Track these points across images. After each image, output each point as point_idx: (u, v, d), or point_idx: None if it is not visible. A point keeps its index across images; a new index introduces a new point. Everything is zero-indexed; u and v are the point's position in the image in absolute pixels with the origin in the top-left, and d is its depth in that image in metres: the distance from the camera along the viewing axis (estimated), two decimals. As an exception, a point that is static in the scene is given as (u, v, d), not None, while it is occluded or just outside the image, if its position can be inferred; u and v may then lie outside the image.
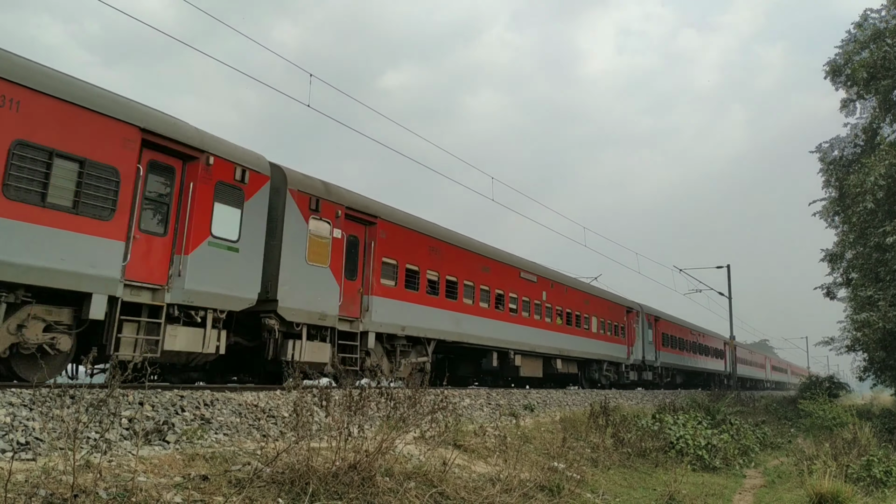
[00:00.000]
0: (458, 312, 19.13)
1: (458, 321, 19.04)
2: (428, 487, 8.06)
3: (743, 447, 19.00)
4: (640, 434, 16.89)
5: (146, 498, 5.48)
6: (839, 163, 30.02)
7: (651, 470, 14.67)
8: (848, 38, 28.27)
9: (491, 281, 21.00)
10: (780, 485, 14.63)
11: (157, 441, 7.46)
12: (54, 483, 5.33)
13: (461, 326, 19.10)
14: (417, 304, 17.18)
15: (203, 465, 6.94)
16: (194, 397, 9.11)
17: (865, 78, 26.34)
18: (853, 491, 11.57)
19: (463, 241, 20.27)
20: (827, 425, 25.08)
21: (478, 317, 20.03)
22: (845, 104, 29.64)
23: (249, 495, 6.20)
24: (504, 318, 21.71)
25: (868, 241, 26.31)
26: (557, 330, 25.71)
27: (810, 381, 45.46)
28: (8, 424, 6.60)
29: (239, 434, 8.51)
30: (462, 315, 19.31)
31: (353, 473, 7.17)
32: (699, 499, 11.52)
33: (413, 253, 17.26)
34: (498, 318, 21.29)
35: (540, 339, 24.01)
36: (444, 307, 18.44)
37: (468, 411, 14.25)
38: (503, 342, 21.49)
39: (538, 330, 24.01)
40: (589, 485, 11.65)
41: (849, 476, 13.21)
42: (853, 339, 30.65)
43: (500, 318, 21.45)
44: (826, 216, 31.20)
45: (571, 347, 26.91)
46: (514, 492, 8.96)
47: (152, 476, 6.27)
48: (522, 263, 23.94)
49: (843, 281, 31.55)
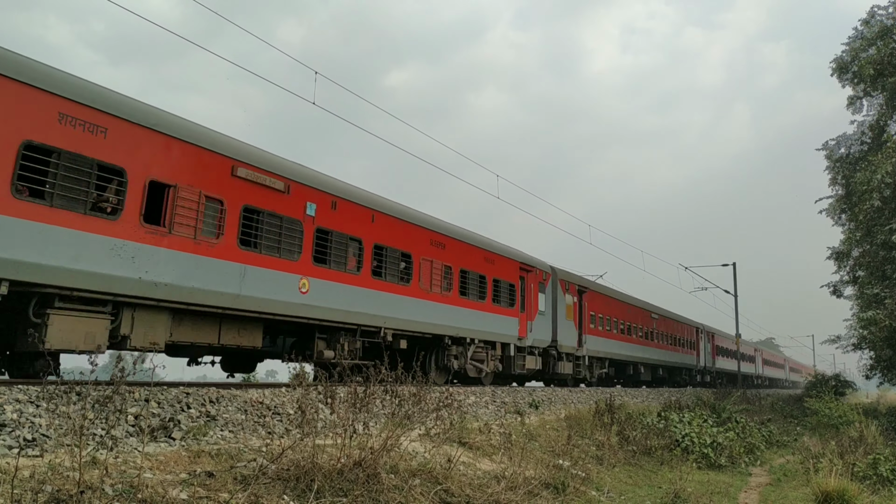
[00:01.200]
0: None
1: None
2: (433, 484, 8.07)
3: (749, 445, 18.97)
4: (646, 432, 16.88)
5: (152, 494, 5.49)
6: (846, 160, 29.90)
7: (656, 468, 14.66)
8: (855, 35, 28.14)
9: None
10: (786, 483, 14.60)
11: (162, 438, 7.47)
12: (60, 479, 5.34)
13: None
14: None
15: (209, 461, 6.96)
16: (200, 394, 9.12)
17: (872, 75, 26.24)
18: (859, 489, 11.52)
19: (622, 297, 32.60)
20: (833, 423, 25.01)
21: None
22: (852, 101, 29.50)
23: (255, 492, 6.21)
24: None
25: (875, 238, 26.23)
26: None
27: (817, 380, 45.33)
28: (14, 421, 6.62)
29: (244, 431, 8.52)
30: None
31: (358, 470, 7.17)
32: (705, 497, 11.48)
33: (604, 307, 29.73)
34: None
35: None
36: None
37: (473, 409, 14.25)
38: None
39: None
40: (594, 483, 11.64)
41: (855, 474, 13.16)
42: (860, 337, 30.57)
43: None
44: (833, 214, 31.08)
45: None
46: (519, 489, 8.96)
47: (158, 473, 6.28)
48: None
49: (849, 279, 31.46)
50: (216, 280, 10.78)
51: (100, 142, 9.19)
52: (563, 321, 24.28)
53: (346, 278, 13.69)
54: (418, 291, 16.00)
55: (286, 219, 12.24)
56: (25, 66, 8.52)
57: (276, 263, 11.94)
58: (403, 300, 15.47)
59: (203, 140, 10.89)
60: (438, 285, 16.75)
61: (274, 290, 11.88)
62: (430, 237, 16.79)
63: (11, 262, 8.17)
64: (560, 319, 23.96)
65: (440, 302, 16.77)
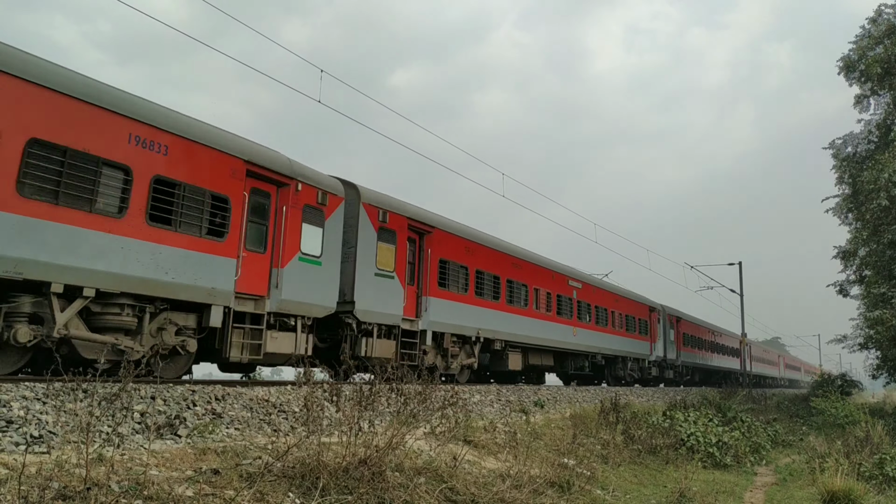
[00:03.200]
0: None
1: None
2: (438, 483, 8.07)
3: (754, 445, 18.92)
4: (651, 431, 16.85)
5: (158, 491, 5.51)
6: (853, 159, 29.80)
7: (661, 467, 14.63)
8: (862, 34, 28.05)
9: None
10: (792, 483, 14.55)
11: (168, 435, 7.50)
12: (67, 476, 5.36)
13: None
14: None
15: (214, 459, 6.97)
16: (206, 392, 9.14)
17: (880, 73, 26.14)
18: (865, 489, 11.49)
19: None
20: (839, 423, 24.91)
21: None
22: (859, 100, 29.40)
23: (260, 489, 6.23)
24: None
25: (882, 238, 26.15)
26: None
27: (822, 379, 45.17)
28: (22, 417, 6.65)
29: (250, 429, 8.54)
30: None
31: (363, 468, 7.18)
32: (710, 496, 11.47)
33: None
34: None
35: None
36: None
37: (478, 407, 14.25)
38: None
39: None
40: (599, 481, 11.63)
41: (861, 474, 13.12)
42: (866, 336, 30.52)
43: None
44: (839, 213, 31.00)
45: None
46: (525, 488, 8.96)
47: (164, 470, 6.30)
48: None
49: (856, 278, 31.38)
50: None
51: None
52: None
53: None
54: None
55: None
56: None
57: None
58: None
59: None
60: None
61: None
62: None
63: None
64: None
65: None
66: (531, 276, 22.76)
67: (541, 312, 23.19)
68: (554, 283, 24.54)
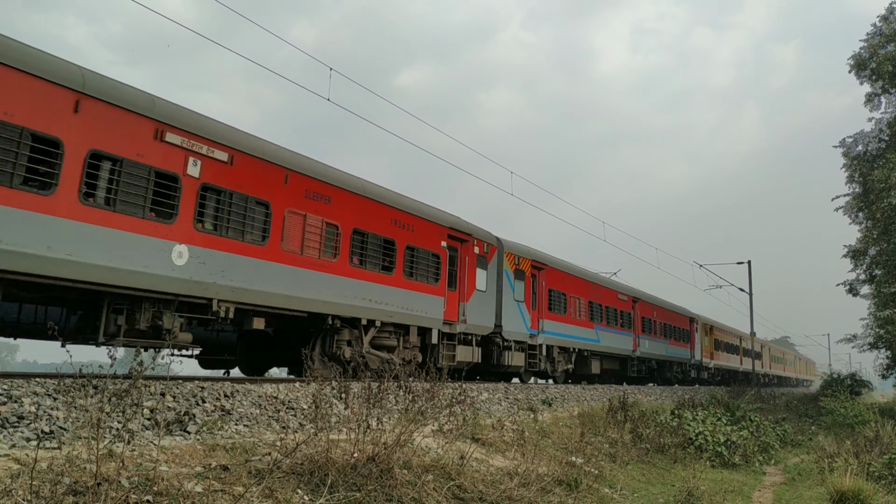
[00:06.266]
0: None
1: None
2: (446, 480, 8.08)
3: (763, 444, 18.85)
4: (659, 430, 16.81)
5: (167, 487, 5.54)
6: (863, 158, 29.60)
7: (670, 466, 14.60)
8: (873, 32, 27.85)
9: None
10: (801, 482, 14.48)
11: (178, 431, 7.53)
12: (78, 471, 5.40)
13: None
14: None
15: (223, 455, 7.00)
16: (215, 388, 9.18)
17: (891, 72, 25.96)
18: (875, 489, 11.41)
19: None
20: (849, 423, 24.76)
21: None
22: (870, 98, 29.20)
23: (269, 486, 6.25)
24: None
25: (892, 236, 25.98)
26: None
27: (832, 379, 44.93)
28: (33, 413, 6.70)
29: (259, 425, 8.58)
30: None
31: (371, 465, 7.20)
32: (718, 495, 11.43)
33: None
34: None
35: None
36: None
37: (486, 405, 14.25)
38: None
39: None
40: (607, 480, 11.62)
41: (870, 474, 13.03)
42: (876, 336, 30.31)
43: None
44: (849, 212, 30.81)
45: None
46: (532, 486, 8.96)
47: (174, 465, 6.34)
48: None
49: (866, 277, 31.18)
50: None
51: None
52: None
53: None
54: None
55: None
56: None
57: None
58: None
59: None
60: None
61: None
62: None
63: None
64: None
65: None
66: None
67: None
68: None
